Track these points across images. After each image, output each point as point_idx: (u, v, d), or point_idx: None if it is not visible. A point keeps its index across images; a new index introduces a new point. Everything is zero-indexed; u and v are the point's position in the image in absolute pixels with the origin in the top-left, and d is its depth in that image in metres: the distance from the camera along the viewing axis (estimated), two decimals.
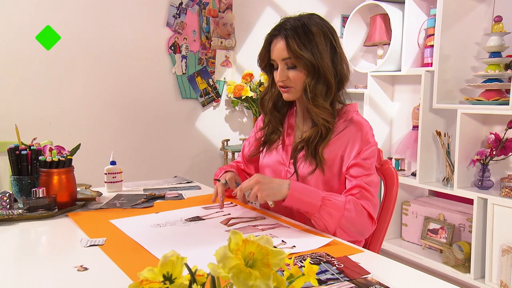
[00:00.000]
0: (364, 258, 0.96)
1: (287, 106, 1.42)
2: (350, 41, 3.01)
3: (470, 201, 2.37)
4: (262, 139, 1.44)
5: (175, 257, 0.46)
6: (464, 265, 2.35)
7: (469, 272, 2.31)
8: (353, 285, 0.81)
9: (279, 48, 1.24)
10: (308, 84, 1.24)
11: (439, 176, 2.65)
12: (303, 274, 0.44)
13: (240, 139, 3.18)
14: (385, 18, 2.79)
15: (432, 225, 2.61)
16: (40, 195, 1.26)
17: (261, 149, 1.44)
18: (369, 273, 0.86)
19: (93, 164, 2.27)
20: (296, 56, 1.21)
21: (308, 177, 1.28)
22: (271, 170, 1.39)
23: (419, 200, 2.81)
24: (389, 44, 2.76)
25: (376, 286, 0.80)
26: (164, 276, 0.45)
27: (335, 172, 1.28)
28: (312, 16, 1.26)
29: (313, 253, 0.97)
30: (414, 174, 2.69)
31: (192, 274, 0.46)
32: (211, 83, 3.05)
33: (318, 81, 1.24)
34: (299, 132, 1.38)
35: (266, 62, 1.32)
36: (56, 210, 1.27)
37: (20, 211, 1.24)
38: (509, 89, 2.16)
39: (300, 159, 1.30)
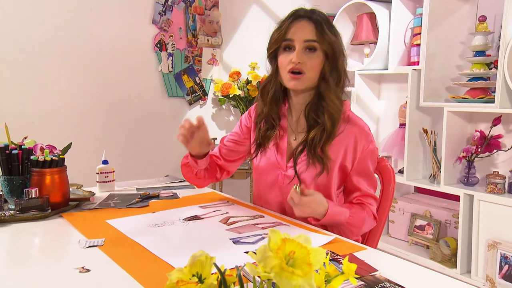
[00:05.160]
0: (368, 255, 0.96)
1: (281, 103, 1.34)
2: None
3: (455, 197, 2.41)
4: (258, 141, 1.35)
5: (204, 257, 0.45)
6: (451, 260, 2.39)
7: (456, 267, 2.35)
8: (362, 283, 0.81)
9: (305, 29, 1.21)
10: (325, 70, 1.23)
11: (426, 173, 2.69)
12: (342, 273, 0.43)
13: None
14: (372, 17, 2.81)
15: (419, 222, 2.64)
16: (33, 196, 1.22)
17: (256, 153, 1.36)
18: (377, 270, 0.86)
19: (79, 163, 2.22)
20: (322, 39, 1.20)
21: (308, 180, 1.25)
22: (267, 174, 1.33)
23: (405, 197, 2.84)
24: (376, 43, 2.78)
25: (385, 283, 0.80)
26: (194, 276, 0.44)
27: (335, 173, 1.26)
28: None
29: None
30: (401, 172, 2.73)
31: (222, 274, 0.45)
32: (198, 81, 3.02)
33: (332, 69, 1.24)
34: (292, 134, 1.32)
35: (280, 44, 1.24)
36: (49, 210, 1.24)
37: (12, 212, 1.21)
38: (494, 87, 2.20)
39: (302, 162, 1.26)
